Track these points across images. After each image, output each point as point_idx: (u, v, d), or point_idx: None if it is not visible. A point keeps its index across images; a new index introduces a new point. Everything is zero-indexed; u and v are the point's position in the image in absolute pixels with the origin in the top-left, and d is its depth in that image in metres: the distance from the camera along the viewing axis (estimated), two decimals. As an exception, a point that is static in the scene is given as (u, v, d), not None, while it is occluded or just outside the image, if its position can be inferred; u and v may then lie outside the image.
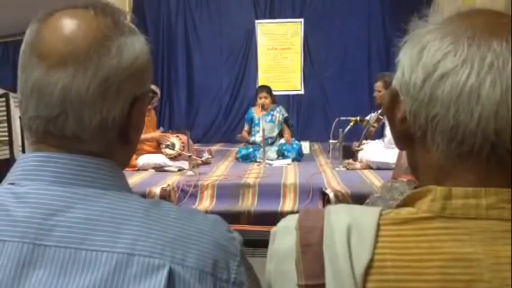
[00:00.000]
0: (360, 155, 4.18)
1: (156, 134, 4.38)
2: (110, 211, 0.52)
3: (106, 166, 0.56)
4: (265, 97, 4.78)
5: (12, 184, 0.54)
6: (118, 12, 0.58)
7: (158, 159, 4.24)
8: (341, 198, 3.27)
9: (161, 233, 0.51)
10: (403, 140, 0.55)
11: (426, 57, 0.50)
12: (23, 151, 4.54)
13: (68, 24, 0.55)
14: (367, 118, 4.28)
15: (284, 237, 0.54)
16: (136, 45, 0.57)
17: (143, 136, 4.35)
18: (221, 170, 4.18)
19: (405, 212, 0.51)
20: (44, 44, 0.54)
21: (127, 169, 4.61)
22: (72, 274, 0.48)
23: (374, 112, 4.31)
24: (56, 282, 0.48)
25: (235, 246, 0.56)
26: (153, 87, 4.49)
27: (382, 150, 4.10)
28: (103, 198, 0.53)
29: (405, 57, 0.53)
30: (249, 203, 3.49)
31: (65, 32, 0.54)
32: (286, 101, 6.24)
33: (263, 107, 4.79)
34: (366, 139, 4.25)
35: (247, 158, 4.58)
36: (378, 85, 4.11)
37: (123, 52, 0.55)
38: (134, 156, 4.23)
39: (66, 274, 0.48)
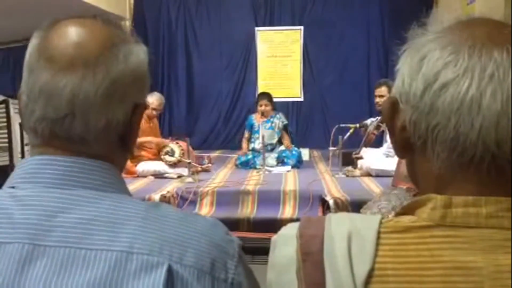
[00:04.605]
0: (359, 162, 4.18)
1: (156, 138, 4.40)
2: (110, 212, 0.53)
3: (106, 169, 0.57)
4: (266, 105, 4.78)
5: (12, 187, 0.55)
6: (121, 24, 0.63)
7: (157, 166, 4.24)
8: (340, 205, 3.27)
9: (160, 232, 0.52)
10: (402, 148, 0.55)
11: (426, 66, 0.50)
12: (23, 158, 4.54)
13: (78, 30, 0.57)
14: (367, 121, 4.28)
15: (284, 245, 0.54)
16: (140, 53, 0.61)
17: (143, 138, 4.36)
18: (221, 177, 4.17)
19: (406, 220, 0.51)
20: (53, 48, 0.56)
21: (126, 175, 4.60)
22: (72, 271, 0.49)
23: (374, 117, 4.31)
24: (57, 278, 0.49)
25: (233, 248, 0.56)
26: (157, 96, 4.52)
27: (381, 158, 4.10)
28: (103, 200, 0.54)
29: (405, 66, 0.53)
30: (248, 210, 3.48)
31: (75, 37, 0.56)
32: (286, 108, 6.24)
33: (263, 114, 4.80)
34: (365, 146, 4.25)
35: (246, 165, 4.57)
36: (383, 89, 4.08)
37: (129, 58, 0.58)
38: (134, 163, 4.24)
39: (66, 271, 0.49)
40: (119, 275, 0.49)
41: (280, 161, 4.57)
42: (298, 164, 4.60)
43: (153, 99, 4.47)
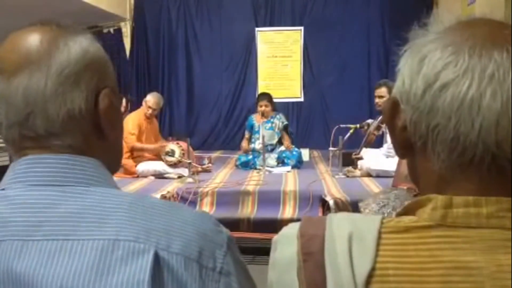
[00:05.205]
0: (360, 162, 4.18)
1: (157, 145, 4.39)
2: (96, 204, 0.54)
3: (91, 164, 0.59)
4: (266, 105, 4.79)
5: (3, 189, 0.57)
6: (66, 22, 0.63)
7: (158, 166, 4.25)
8: (341, 206, 3.27)
9: (147, 222, 0.53)
10: (403, 148, 0.55)
11: (427, 67, 0.50)
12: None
13: (18, 37, 0.60)
14: (368, 121, 4.28)
15: (285, 245, 0.54)
16: (83, 42, 0.61)
17: (145, 145, 4.37)
18: (221, 177, 4.18)
19: (406, 220, 0.51)
20: (2, 61, 0.58)
21: (127, 175, 4.59)
22: (59, 260, 0.50)
23: (375, 118, 4.31)
24: (44, 269, 0.50)
25: (222, 238, 0.56)
26: (154, 95, 4.52)
27: (381, 158, 4.10)
28: (89, 194, 0.55)
29: (406, 66, 0.53)
30: (248, 210, 3.48)
31: (15, 44, 0.59)
32: (286, 108, 6.25)
33: (263, 115, 4.80)
34: (365, 147, 4.25)
35: (246, 165, 4.58)
36: (383, 90, 4.08)
37: (71, 47, 0.59)
38: (134, 163, 4.24)
39: (54, 261, 0.50)
40: (106, 261, 0.50)
41: (280, 162, 4.58)
42: (298, 164, 4.61)
43: (150, 97, 4.48)
